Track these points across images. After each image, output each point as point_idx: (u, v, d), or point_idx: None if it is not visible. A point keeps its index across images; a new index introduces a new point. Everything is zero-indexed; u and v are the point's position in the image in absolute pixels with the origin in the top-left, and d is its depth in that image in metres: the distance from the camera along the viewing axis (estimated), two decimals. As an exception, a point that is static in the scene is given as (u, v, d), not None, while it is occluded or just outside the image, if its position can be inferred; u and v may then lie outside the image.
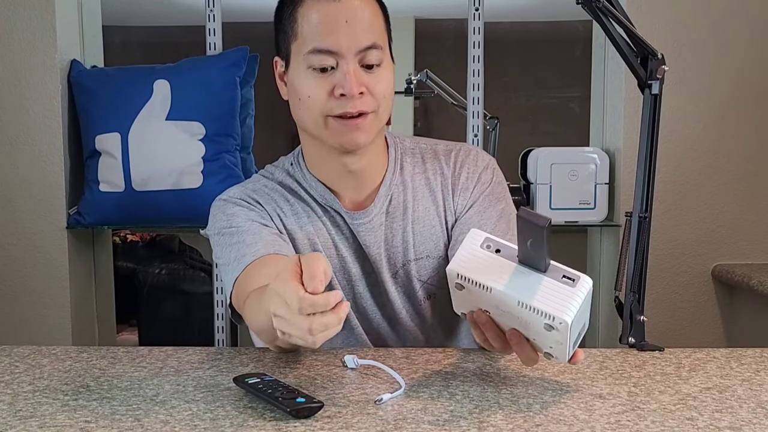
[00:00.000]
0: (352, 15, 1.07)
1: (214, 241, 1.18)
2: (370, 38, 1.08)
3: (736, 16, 2.04)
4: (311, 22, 1.08)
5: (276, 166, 1.25)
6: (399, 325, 1.21)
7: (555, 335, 0.84)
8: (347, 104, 1.08)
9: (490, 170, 1.23)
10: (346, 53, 1.07)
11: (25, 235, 2.05)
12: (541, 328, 0.84)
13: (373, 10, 1.11)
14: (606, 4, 1.19)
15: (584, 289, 0.84)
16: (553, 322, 0.82)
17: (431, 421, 0.81)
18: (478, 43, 2.12)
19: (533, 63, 4.28)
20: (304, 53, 1.08)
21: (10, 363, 1.05)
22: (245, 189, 1.21)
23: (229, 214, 1.17)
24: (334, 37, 1.07)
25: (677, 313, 2.10)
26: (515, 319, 0.87)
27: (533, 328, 0.86)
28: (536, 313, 0.83)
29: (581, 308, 0.84)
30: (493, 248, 0.88)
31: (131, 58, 3.62)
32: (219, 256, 1.17)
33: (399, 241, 1.19)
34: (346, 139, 1.10)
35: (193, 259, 3.48)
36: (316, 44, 1.07)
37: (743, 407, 0.87)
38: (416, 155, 1.24)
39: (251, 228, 1.14)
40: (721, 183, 2.08)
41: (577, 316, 0.83)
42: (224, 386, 0.94)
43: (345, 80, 1.07)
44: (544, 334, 0.85)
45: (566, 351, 0.86)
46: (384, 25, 1.13)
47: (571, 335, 0.84)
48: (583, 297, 0.83)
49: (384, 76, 1.11)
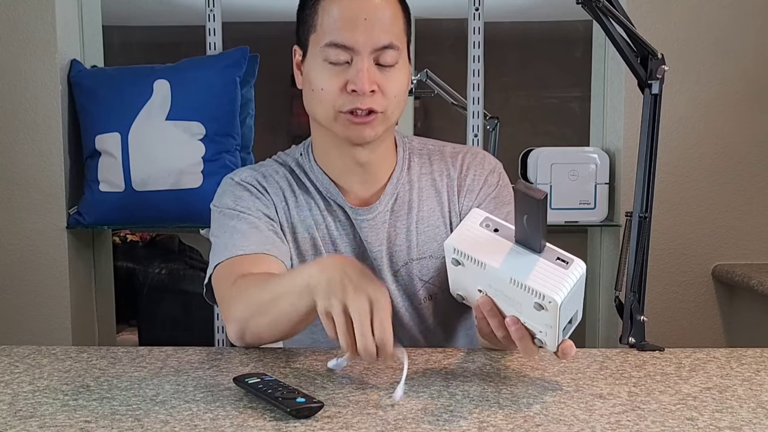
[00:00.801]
0: (372, 13, 1.08)
1: (215, 216, 1.20)
2: (388, 38, 1.09)
3: (736, 16, 2.04)
4: (331, 16, 1.09)
5: (288, 154, 1.26)
6: (397, 324, 1.20)
7: (545, 316, 0.84)
8: (358, 101, 1.08)
9: (497, 174, 1.24)
10: (362, 50, 1.08)
11: (25, 235, 2.05)
12: (531, 308, 0.84)
13: (394, 10, 1.12)
14: (606, 4, 1.19)
15: (577, 272, 0.84)
16: (542, 300, 0.83)
17: (431, 421, 0.81)
18: (478, 43, 2.12)
19: (533, 63, 4.28)
20: (321, 45, 1.10)
21: (10, 363, 1.05)
22: (256, 173, 1.22)
23: (237, 197, 1.19)
24: (351, 33, 1.07)
25: (677, 313, 2.10)
26: (507, 300, 0.88)
27: (525, 309, 0.86)
28: (527, 291, 0.84)
29: (573, 291, 0.84)
30: (492, 227, 0.90)
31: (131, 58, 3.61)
32: (214, 234, 1.18)
33: (402, 240, 1.19)
34: (353, 133, 1.11)
35: (193, 259, 3.48)
36: (334, 38, 1.08)
37: (743, 407, 0.87)
38: (424, 155, 1.24)
39: (252, 218, 1.16)
40: (721, 183, 2.08)
41: (567, 299, 0.83)
42: (224, 386, 0.93)
43: (358, 77, 1.07)
44: (535, 315, 0.85)
45: (555, 336, 0.86)
46: (404, 27, 1.14)
47: (561, 318, 0.84)
48: (575, 279, 0.84)
49: (398, 76, 1.12)
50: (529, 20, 4.21)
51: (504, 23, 4.09)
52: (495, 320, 0.91)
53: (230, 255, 1.11)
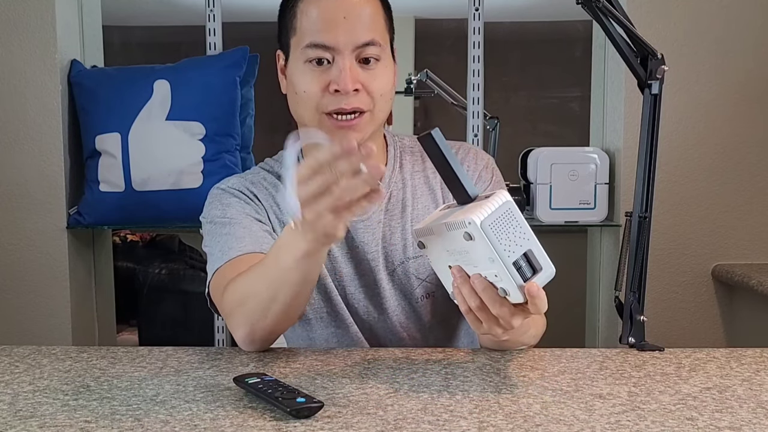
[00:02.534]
0: (351, 11, 1.08)
1: (206, 228, 1.19)
2: (368, 35, 1.09)
3: (736, 16, 2.04)
4: (310, 17, 1.09)
5: (276, 160, 1.26)
6: (393, 324, 1.21)
7: (481, 250, 0.84)
8: (342, 100, 1.08)
9: (490, 169, 1.24)
10: (343, 49, 1.08)
11: (25, 235, 2.05)
12: (465, 244, 0.85)
13: (373, 8, 1.11)
14: (606, 4, 1.19)
15: (499, 199, 0.85)
16: (467, 227, 0.83)
17: (431, 421, 0.81)
18: (478, 43, 2.12)
19: (533, 63, 4.28)
20: (302, 47, 1.10)
21: (10, 363, 1.05)
22: (244, 180, 1.21)
23: (225, 204, 1.17)
24: (331, 32, 1.07)
25: (677, 313, 2.10)
26: (463, 259, 0.88)
27: (473, 257, 0.87)
28: (456, 228, 0.85)
29: (502, 219, 0.84)
30: (448, 206, 0.94)
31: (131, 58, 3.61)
32: (207, 245, 1.17)
33: (398, 239, 1.19)
34: (338, 138, 1.10)
35: (193, 259, 3.48)
36: (313, 39, 1.08)
37: (743, 407, 0.87)
38: (415, 153, 1.24)
39: (244, 222, 1.14)
40: (721, 183, 2.08)
41: (497, 226, 0.83)
42: (224, 386, 0.94)
43: (340, 76, 1.07)
44: (481, 258, 0.85)
45: (509, 276, 0.84)
46: (385, 24, 1.13)
47: (497, 247, 0.83)
48: (497, 205, 0.84)
49: (381, 74, 1.11)
50: (529, 20, 4.22)
51: (504, 23, 4.09)
52: (466, 287, 0.89)
53: (227, 258, 1.10)
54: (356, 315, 1.20)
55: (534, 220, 2.13)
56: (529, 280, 0.85)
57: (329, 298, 1.19)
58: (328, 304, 1.19)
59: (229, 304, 1.06)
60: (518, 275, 0.85)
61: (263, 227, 1.16)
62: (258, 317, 1.03)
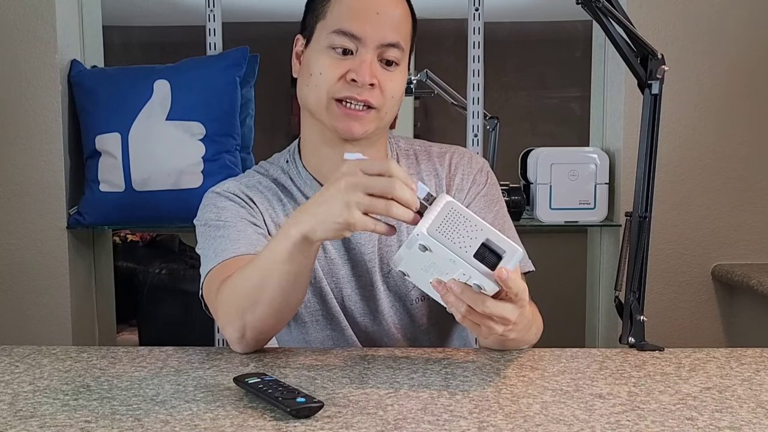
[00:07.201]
0: (384, 9, 1.10)
1: (200, 231, 1.18)
2: (395, 36, 1.10)
3: (736, 17, 2.04)
4: (343, 5, 1.10)
5: (271, 163, 1.25)
6: (388, 326, 1.21)
7: (440, 255, 0.86)
8: (355, 90, 1.09)
9: (485, 173, 1.24)
10: (369, 42, 1.09)
11: (25, 235, 2.05)
12: (428, 256, 0.87)
13: (404, 13, 1.14)
14: (606, 4, 1.19)
15: (440, 202, 0.87)
16: (419, 240, 0.85)
17: (431, 421, 0.81)
18: (478, 43, 2.12)
19: (533, 63, 4.28)
20: (328, 32, 1.10)
21: (10, 363, 1.05)
22: (239, 184, 1.21)
23: (220, 207, 1.17)
24: (361, 23, 1.08)
25: (677, 313, 2.10)
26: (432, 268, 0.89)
27: (438, 264, 0.88)
28: (412, 245, 0.87)
29: (446, 220, 0.85)
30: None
31: (131, 58, 3.61)
32: (201, 247, 1.16)
33: (393, 241, 1.19)
34: (342, 125, 1.11)
35: (194, 259, 3.47)
36: (343, 26, 1.09)
37: (743, 407, 0.87)
38: (410, 156, 1.24)
39: (238, 225, 1.14)
40: (721, 183, 2.08)
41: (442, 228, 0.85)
42: (224, 386, 0.94)
43: (360, 67, 1.08)
44: (442, 264, 0.87)
45: (477, 272, 0.85)
46: (410, 32, 1.15)
47: (450, 247, 0.85)
48: (439, 208, 0.86)
49: (398, 78, 1.13)
50: (529, 20, 4.22)
51: (504, 23, 4.09)
52: (450, 297, 0.89)
53: (221, 260, 1.09)
54: (351, 317, 1.20)
55: (534, 220, 2.13)
56: (498, 267, 0.86)
57: (325, 300, 1.19)
58: (324, 306, 1.19)
59: (220, 300, 1.05)
60: (483, 266, 0.86)
61: (258, 230, 1.15)
62: (247, 307, 1.01)
